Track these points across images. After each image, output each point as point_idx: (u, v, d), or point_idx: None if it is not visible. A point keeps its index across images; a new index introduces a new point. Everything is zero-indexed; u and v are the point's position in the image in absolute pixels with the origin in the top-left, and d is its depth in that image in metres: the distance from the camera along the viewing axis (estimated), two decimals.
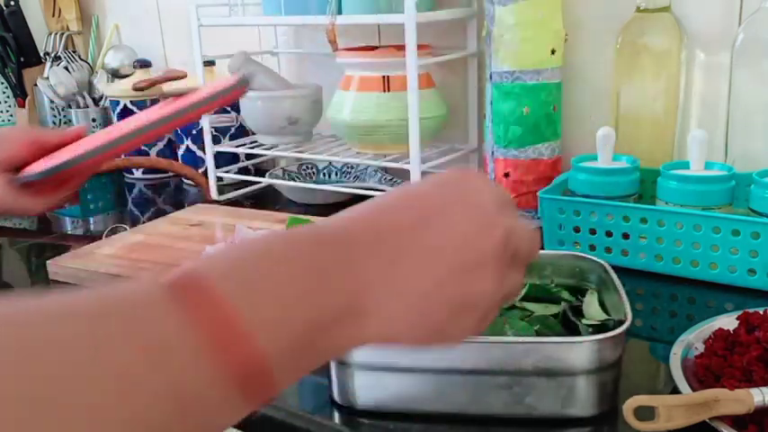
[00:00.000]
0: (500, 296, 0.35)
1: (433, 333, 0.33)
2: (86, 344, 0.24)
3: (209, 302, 0.27)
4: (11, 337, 0.23)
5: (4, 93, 1.59)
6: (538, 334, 0.56)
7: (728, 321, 0.61)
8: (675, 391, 0.53)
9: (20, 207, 0.69)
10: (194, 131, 1.25)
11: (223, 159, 1.20)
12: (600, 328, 0.56)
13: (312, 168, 1.22)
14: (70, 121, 1.45)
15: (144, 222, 1.06)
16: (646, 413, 0.48)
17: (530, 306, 0.61)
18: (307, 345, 0.29)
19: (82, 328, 0.25)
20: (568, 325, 0.58)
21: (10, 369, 0.23)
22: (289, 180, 1.17)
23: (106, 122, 1.43)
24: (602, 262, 0.63)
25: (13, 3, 1.51)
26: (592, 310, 0.59)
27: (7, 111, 1.61)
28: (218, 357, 0.27)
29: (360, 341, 0.31)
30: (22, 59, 1.54)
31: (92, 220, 1.19)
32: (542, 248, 0.85)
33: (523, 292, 0.62)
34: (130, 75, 1.40)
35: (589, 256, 0.65)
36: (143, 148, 1.32)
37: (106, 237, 0.95)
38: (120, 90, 1.32)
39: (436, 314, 0.33)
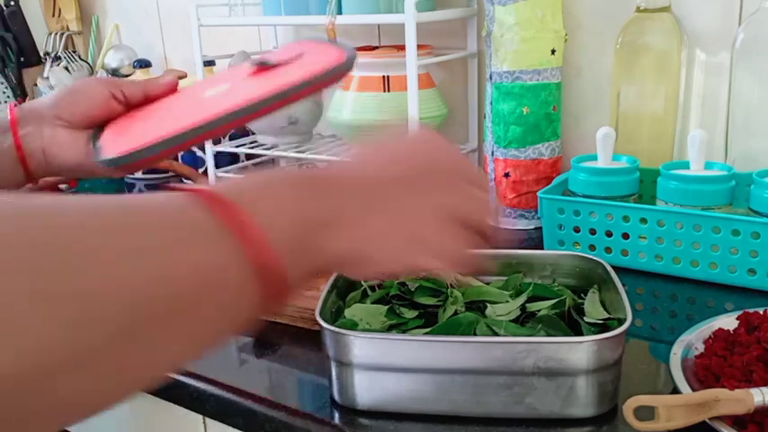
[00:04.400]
0: (455, 208, 0.42)
1: (403, 240, 0.40)
2: (130, 228, 0.30)
3: (225, 204, 0.33)
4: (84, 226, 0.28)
5: (4, 93, 1.59)
6: (543, 334, 0.56)
7: (728, 321, 0.62)
8: (675, 391, 0.53)
9: (96, 170, 0.62)
10: None
11: (223, 159, 1.20)
12: (602, 327, 0.57)
13: (312, 168, 1.22)
14: None
15: None
16: (646, 413, 0.48)
17: (533, 305, 0.61)
18: (303, 243, 0.36)
19: (126, 217, 0.30)
20: (571, 324, 0.58)
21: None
22: None
23: None
24: (603, 262, 0.63)
25: (13, 3, 1.51)
26: (593, 309, 0.59)
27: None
28: (238, 241, 0.32)
29: (345, 244, 0.38)
30: (22, 59, 1.54)
31: None
32: (542, 248, 0.85)
33: (527, 293, 0.62)
34: (130, 75, 1.40)
35: (589, 256, 0.66)
36: None
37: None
38: None
39: (400, 219, 0.41)
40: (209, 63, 1.21)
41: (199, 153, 1.25)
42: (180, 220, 0.32)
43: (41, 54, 1.56)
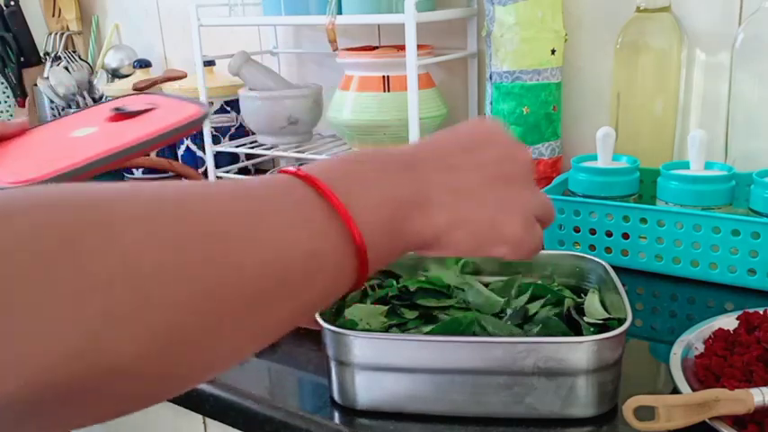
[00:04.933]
0: (533, 205, 0.44)
1: (485, 228, 0.41)
2: (249, 213, 0.32)
3: (325, 189, 0.35)
4: (204, 207, 0.31)
5: (4, 93, 1.59)
6: (543, 334, 0.56)
7: (728, 321, 0.62)
8: (675, 391, 0.53)
9: None
10: (194, 131, 1.25)
11: (223, 159, 1.20)
12: (602, 327, 0.56)
13: None
14: None
15: None
16: (646, 413, 0.48)
17: (533, 306, 0.61)
18: (391, 225, 0.37)
19: (249, 204, 0.33)
20: (571, 324, 0.58)
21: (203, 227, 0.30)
22: None
23: None
24: (602, 262, 0.63)
25: (13, 3, 1.51)
26: (593, 309, 0.59)
27: (7, 111, 1.61)
28: (344, 225, 0.34)
29: (430, 227, 0.39)
30: (22, 59, 1.54)
31: None
32: (543, 248, 0.85)
33: (528, 294, 0.62)
34: (130, 75, 1.40)
35: (589, 256, 0.65)
36: None
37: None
38: (120, 90, 1.32)
39: (484, 208, 0.41)
40: (209, 63, 1.21)
41: (199, 153, 1.26)
42: (293, 205, 0.34)
43: (41, 54, 1.56)
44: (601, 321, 0.57)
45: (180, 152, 1.28)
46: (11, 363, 0.24)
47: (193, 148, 1.26)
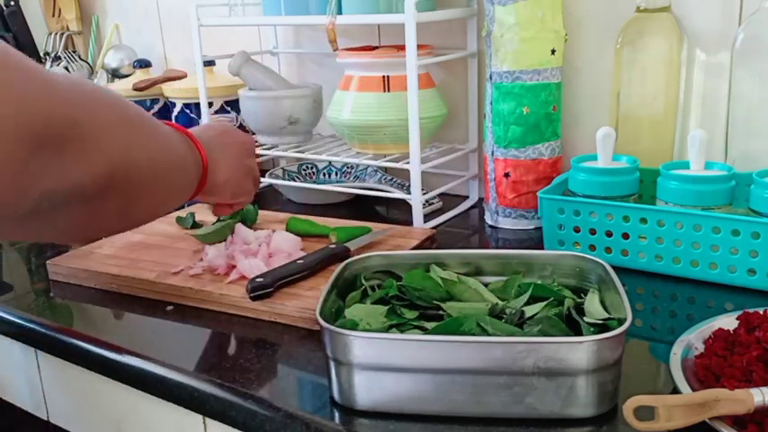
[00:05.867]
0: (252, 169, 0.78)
1: (235, 186, 0.73)
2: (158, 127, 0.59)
3: (191, 135, 0.68)
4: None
5: None
6: (543, 334, 0.56)
7: (728, 321, 0.62)
8: (675, 391, 0.53)
9: None
10: None
11: None
12: (602, 327, 0.56)
13: (312, 168, 1.22)
14: None
15: None
16: (646, 413, 0.48)
17: (533, 306, 0.61)
18: (212, 155, 0.70)
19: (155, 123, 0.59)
20: (571, 324, 0.58)
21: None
22: (289, 180, 1.17)
23: None
24: (602, 262, 0.63)
25: (13, 3, 1.51)
26: (593, 309, 0.59)
27: None
28: (197, 152, 0.66)
29: (220, 173, 0.70)
30: None
31: None
32: (542, 248, 0.85)
33: (528, 294, 0.62)
34: (130, 75, 1.40)
35: (589, 256, 0.65)
36: None
37: (106, 237, 0.95)
38: (120, 90, 1.32)
39: (235, 177, 0.73)
40: (209, 63, 1.21)
41: None
42: (175, 134, 0.62)
43: (41, 54, 1.56)
44: (601, 321, 0.57)
45: None
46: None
47: None
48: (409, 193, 0.99)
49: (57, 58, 1.51)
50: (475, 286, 0.65)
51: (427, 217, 1.00)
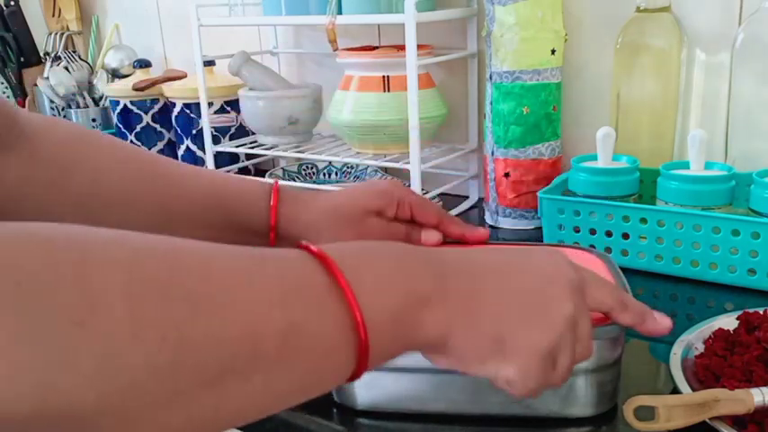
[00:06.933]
0: (561, 335, 0.39)
1: (488, 341, 0.38)
2: (254, 275, 0.31)
3: (330, 264, 0.33)
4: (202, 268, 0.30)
5: (4, 93, 1.59)
6: None
7: (728, 321, 0.61)
8: (675, 391, 0.53)
9: None
10: (194, 131, 1.25)
11: (223, 159, 1.20)
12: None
13: (312, 168, 1.22)
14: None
15: None
16: (646, 413, 0.48)
17: None
18: (397, 317, 0.35)
19: (251, 265, 0.31)
20: None
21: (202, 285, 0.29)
22: (289, 180, 1.17)
23: (106, 122, 1.43)
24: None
25: (13, 3, 1.51)
26: None
27: None
28: (342, 304, 0.32)
29: (438, 325, 0.36)
30: (22, 59, 1.54)
31: None
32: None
33: None
34: (130, 75, 1.40)
35: None
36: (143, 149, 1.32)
37: None
38: (120, 90, 1.32)
39: (496, 321, 0.38)
40: (209, 63, 1.21)
41: (199, 153, 1.26)
42: (300, 283, 0.32)
43: (41, 54, 1.56)
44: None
45: (180, 152, 1.28)
46: None
47: (193, 148, 1.26)
48: None
49: (57, 58, 1.51)
50: None
51: None
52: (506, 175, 0.96)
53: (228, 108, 1.23)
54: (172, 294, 0.27)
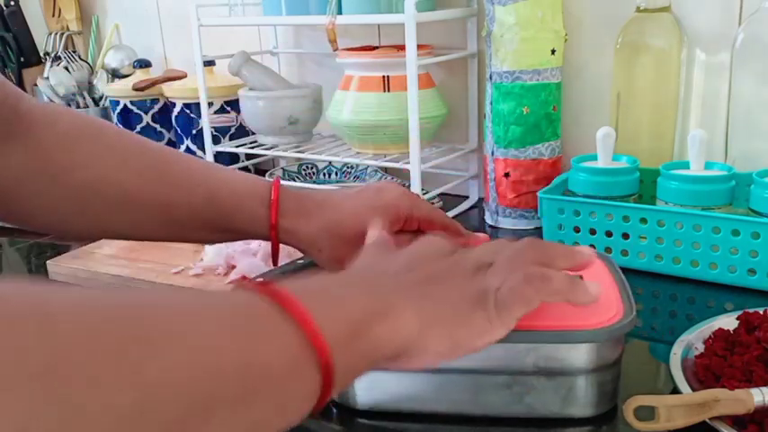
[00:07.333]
0: (484, 287, 0.44)
1: (456, 324, 0.42)
2: (203, 320, 0.30)
3: (286, 297, 0.33)
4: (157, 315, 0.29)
5: None
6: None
7: (728, 321, 0.61)
8: (675, 391, 0.53)
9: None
10: (194, 131, 1.25)
11: (223, 159, 1.20)
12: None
13: (312, 168, 1.22)
14: None
15: None
16: (646, 413, 0.48)
17: None
18: (357, 335, 0.36)
19: (199, 310, 0.31)
20: None
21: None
22: (289, 180, 1.17)
23: None
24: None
25: (13, 3, 1.51)
26: None
27: None
28: (307, 337, 0.32)
29: (399, 332, 0.39)
30: (22, 59, 1.54)
31: None
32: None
33: None
34: (130, 75, 1.40)
35: None
36: None
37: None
38: (120, 90, 1.32)
39: (447, 306, 0.42)
40: (209, 63, 1.21)
41: (199, 153, 1.26)
42: (251, 315, 0.32)
43: (41, 54, 1.56)
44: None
45: None
46: None
47: (193, 148, 1.26)
48: None
49: (57, 58, 1.51)
50: None
51: None
52: (506, 175, 0.96)
53: (228, 108, 1.23)
54: (126, 338, 0.27)
